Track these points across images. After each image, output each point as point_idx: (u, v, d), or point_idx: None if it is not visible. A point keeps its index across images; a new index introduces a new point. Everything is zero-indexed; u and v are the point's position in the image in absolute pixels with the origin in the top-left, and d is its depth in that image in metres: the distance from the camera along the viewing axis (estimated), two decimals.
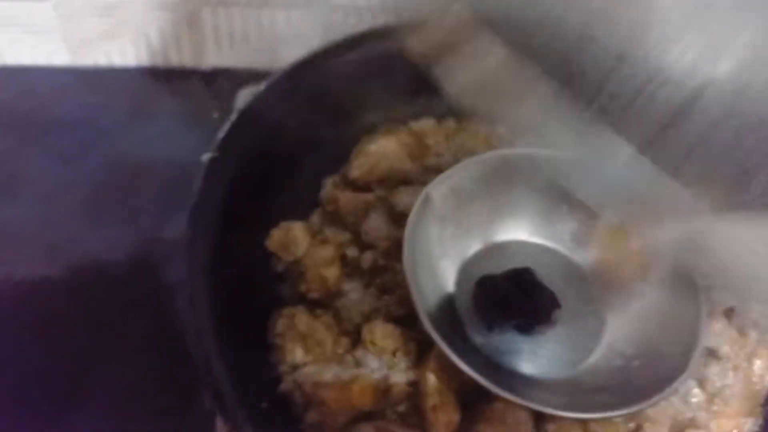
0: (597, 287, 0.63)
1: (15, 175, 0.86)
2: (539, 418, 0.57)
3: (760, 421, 0.61)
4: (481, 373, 0.52)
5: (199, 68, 0.99)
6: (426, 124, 0.80)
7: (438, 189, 0.60)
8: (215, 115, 0.98)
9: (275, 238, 0.65)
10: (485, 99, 0.63)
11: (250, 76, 0.99)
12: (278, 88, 0.68)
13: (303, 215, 0.70)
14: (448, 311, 0.61)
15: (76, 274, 0.76)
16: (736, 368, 0.61)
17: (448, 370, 0.56)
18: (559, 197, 0.64)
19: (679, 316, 0.56)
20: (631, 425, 0.59)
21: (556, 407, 0.51)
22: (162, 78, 1.00)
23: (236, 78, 0.98)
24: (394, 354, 0.59)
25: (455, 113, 0.82)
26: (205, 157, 0.59)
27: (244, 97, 0.94)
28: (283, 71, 0.70)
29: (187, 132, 0.96)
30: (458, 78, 0.62)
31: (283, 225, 0.65)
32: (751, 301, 0.67)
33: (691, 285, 0.57)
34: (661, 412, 0.59)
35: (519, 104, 0.61)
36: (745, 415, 0.61)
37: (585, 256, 0.65)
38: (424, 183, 0.70)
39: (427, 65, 0.65)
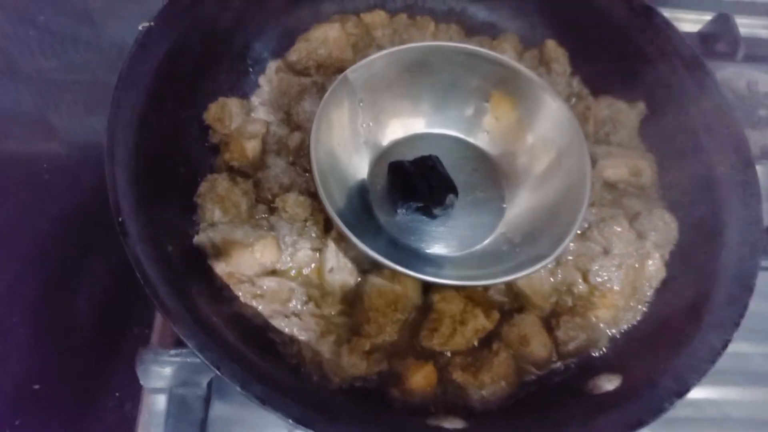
0: (500, 181, 0.68)
1: (11, 57, 0.88)
2: (426, 288, 0.64)
3: (638, 316, 0.67)
4: (374, 248, 0.58)
5: None
6: (377, 15, 0.83)
7: (357, 72, 0.64)
8: None
9: (212, 112, 0.71)
10: None
11: None
12: None
13: (244, 93, 0.76)
14: (359, 193, 0.67)
15: (74, 151, 0.82)
16: (620, 266, 0.66)
17: (347, 240, 0.63)
18: (475, 89, 0.68)
19: (564, 209, 0.61)
20: (516, 305, 0.65)
21: (435, 276, 0.57)
22: None
23: None
24: (305, 222, 0.65)
25: (410, 10, 0.85)
26: (142, 26, 0.64)
27: None
28: None
29: None
30: None
31: (221, 100, 0.71)
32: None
33: (580, 184, 0.61)
34: (542, 297, 0.65)
35: None
36: (624, 309, 0.66)
37: (496, 152, 0.70)
38: None
39: None
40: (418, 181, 0.63)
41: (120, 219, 0.54)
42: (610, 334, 0.66)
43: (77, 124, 0.90)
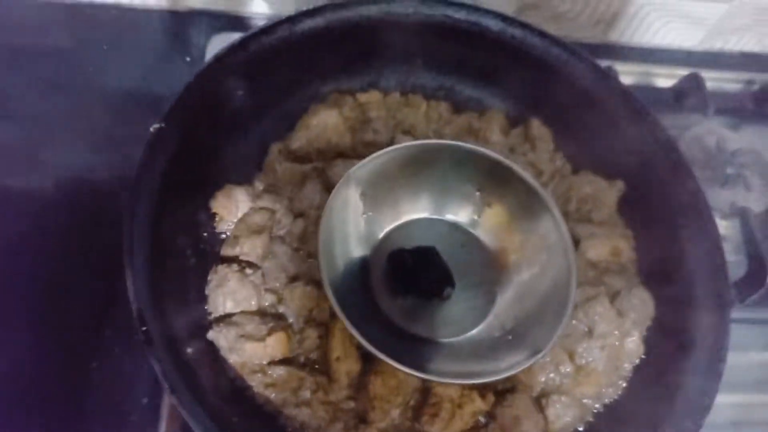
0: (493, 267, 0.73)
1: (8, 101, 0.92)
2: None
3: (619, 391, 0.73)
4: (374, 336, 0.63)
5: (175, 9, 1.05)
6: (372, 96, 0.87)
7: (360, 170, 0.69)
8: (188, 59, 1.05)
9: (218, 200, 0.74)
10: None
11: (227, 20, 1.07)
12: (229, 58, 0.75)
13: (249, 178, 0.79)
14: (361, 278, 0.71)
15: (60, 188, 0.85)
16: (603, 347, 0.71)
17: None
18: (468, 179, 0.73)
19: (552, 303, 0.67)
20: (508, 385, 0.71)
21: (431, 373, 0.62)
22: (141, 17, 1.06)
23: (211, 22, 1.06)
24: (310, 311, 0.69)
25: (402, 87, 0.90)
26: (153, 128, 0.67)
27: (217, 43, 1.02)
28: (235, 42, 0.76)
29: (161, 69, 1.04)
30: None
31: (227, 188, 0.75)
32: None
33: (567, 277, 0.66)
34: (533, 377, 0.70)
35: None
36: (606, 386, 0.72)
37: (488, 238, 0.75)
38: (360, 156, 0.79)
39: None
40: (418, 274, 0.68)
41: (144, 328, 0.57)
42: (594, 409, 0.72)
43: (66, 161, 0.93)
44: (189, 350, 0.62)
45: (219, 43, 1.01)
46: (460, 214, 0.76)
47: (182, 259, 0.69)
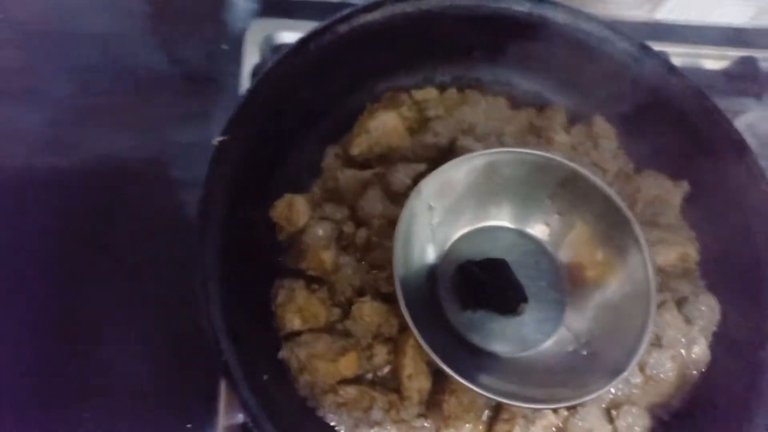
0: (562, 278, 0.72)
1: (30, 86, 0.90)
2: None
3: (687, 398, 0.72)
4: (447, 352, 0.61)
5: None
6: (429, 93, 0.84)
7: (428, 182, 0.66)
8: (224, 46, 1.01)
9: (279, 210, 0.72)
10: None
11: (266, 3, 1.03)
12: (288, 61, 0.72)
13: (306, 182, 0.77)
14: (429, 290, 0.70)
15: (85, 170, 0.83)
16: (674, 357, 0.70)
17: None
18: (537, 186, 0.71)
19: (629, 317, 0.65)
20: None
21: (505, 395, 0.61)
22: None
23: (248, 6, 1.01)
24: (379, 326, 0.68)
25: (458, 82, 0.86)
26: (215, 141, 0.65)
27: (257, 29, 0.98)
28: (294, 43, 0.73)
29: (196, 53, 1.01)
30: None
31: (287, 197, 0.73)
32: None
33: (646, 293, 0.64)
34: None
35: None
36: (675, 395, 0.71)
37: (557, 248, 0.73)
38: (420, 160, 0.77)
39: None
40: (490, 289, 0.66)
41: (223, 359, 0.56)
42: (663, 418, 0.71)
43: (91, 142, 0.92)
44: (265, 376, 0.61)
45: (259, 29, 0.97)
46: (530, 223, 0.74)
47: (247, 276, 0.67)
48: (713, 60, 1.07)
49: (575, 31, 0.81)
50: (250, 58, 0.93)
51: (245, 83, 0.90)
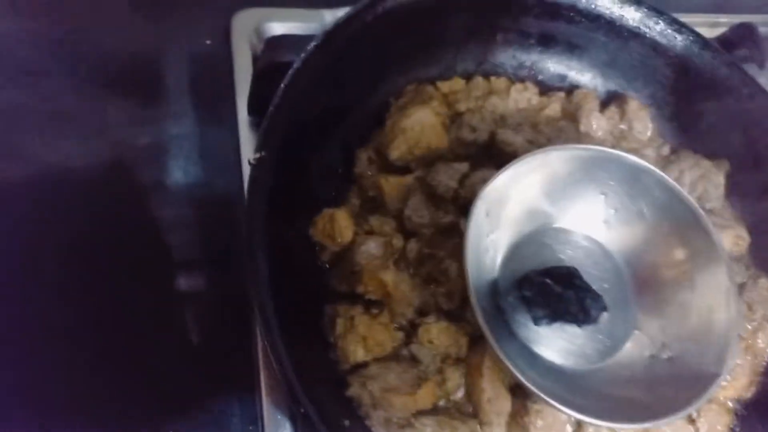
0: (628, 279, 0.67)
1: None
2: None
3: (758, 388, 0.70)
4: (525, 370, 0.56)
5: None
6: (456, 84, 0.77)
7: (487, 190, 0.60)
8: (208, 41, 0.92)
9: (319, 228, 0.64)
10: None
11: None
12: (312, 60, 0.63)
13: (336, 190, 0.69)
14: (492, 301, 0.64)
15: (42, 177, 0.75)
16: (747, 348, 0.67)
17: (501, 364, 0.60)
18: (591, 183, 0.66)
19: (709, 314, 0.61)
20: None
21: (592, 413, 0.55)
22: None
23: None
24: (447, 347, 0.62)
25: (481, 69, 0.80)
26: (252, 158, 0.56)
27: (242, 20, 0.88)
28: (316, 41, 0.64)
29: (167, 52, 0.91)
30: None
31: (326, 213, 0.65)
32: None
33: (725, 289, 0.61)
34: None
35: None
36: (747, 388, 0.69)
37: (617, 247, 0.68)
38: (461, 159, 0.70)
39: None
40: (566, 300, 0.61)
41: (303, 411, 0.49)
42: (735, 410, 0.69)
43: (44, 148, 0.82)
44: (347, 422, 0.54)
45: (244, 20, 0.88)
46: (584, 223, 0.68)
47: (297, 305, 0.59)
48: (706, 28, 1.04)
49: (599, 8, 0.76)
50: (240, 52, 0.84)
51: (241, 79, 0.81)
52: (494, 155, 0.71)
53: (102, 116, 0.82)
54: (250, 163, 0.56)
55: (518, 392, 0.62)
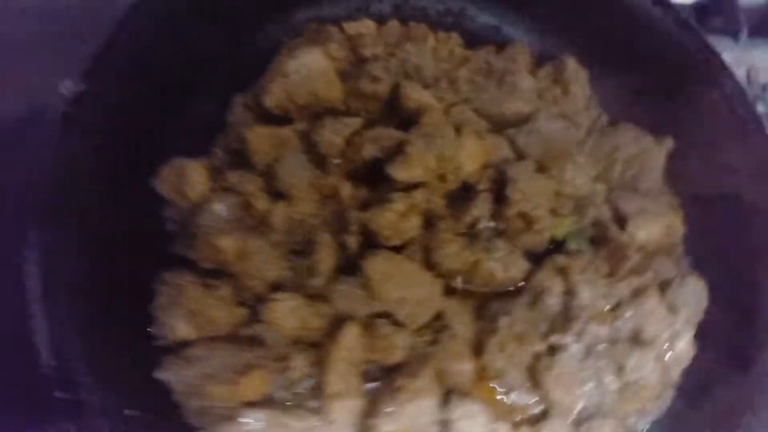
0: None
1: None
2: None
3: (667, 403, 0.61)
4: None
5: None
6: (364, 25, 0.66)
7: None
8: None
9: (165, 179, 0.55)
10: None
11: None
12: None
13: (208, 143, 0.60)
14: None
15: None
16: (657, 358, 0.58)
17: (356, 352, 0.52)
18: None
19: None
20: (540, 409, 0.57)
21: None
22: None
23: None
24: (300, 330, 0.53)
25: (400, 13, 0.69)
26: (65, 88, 0.47)
27: None
28: None
29: None
30: None
31: (176, 163, 0.55)
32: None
33: None
34: (570, 396, 0.57)
35: None
36: (655, 399, 0.60)
37: None
38: (355, 114, 0.60)
39: None
40: None
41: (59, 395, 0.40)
42: (641, 429, 0.60)
43: None
44: (127, 411, 0.45)
45: None
46: None
47: (116, 270, 0.51)
48: None
49: None
50: None
51: None
52: (396, 113, 0.61)
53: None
54: (61, 92, 0.46)
55: (380, 392, 0.53)
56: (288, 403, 0.52)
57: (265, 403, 0.50)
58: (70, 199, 0.46)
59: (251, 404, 0.50)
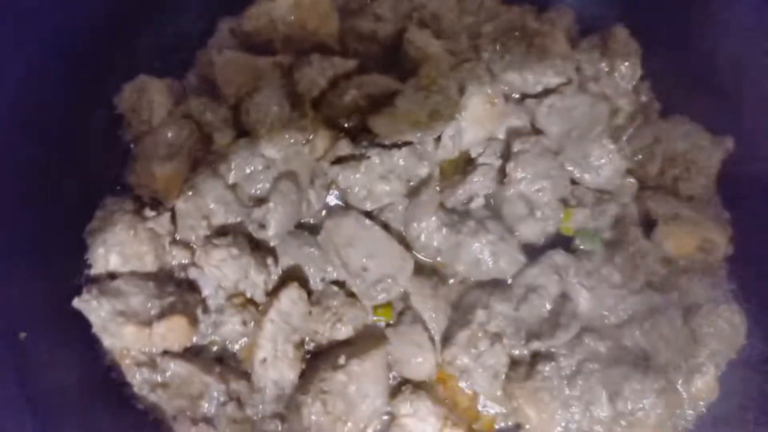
0: None
1: None
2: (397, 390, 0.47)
3: None
4: None
5: None
6: None
7: None
8: None
9: (126, 97, 0.51)
10: None
11: None
12: None
13: (179, 69, 0.55)
14: None
15: None
16: (662, 391, 0.49)
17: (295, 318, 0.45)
18: None
19: None
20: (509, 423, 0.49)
21: None
22: None
23: None
24: (237, 281, 0.48)
25: None
26: None
27: None
28: None
29: None
30: None
31: (139, 80, 0.52)
32: None
33: None
34: (548, 418, 0.48)
35: None
36: None
37: None
38: (348, 54, 0.53)
39: None
40: None
41: None
42: None
43: None
44: (23, 334, 0.40)
45: None
46: None
47: (56, 188, 0.46)
48: None
49: None
50: None
51: None
52: (397, 61, 0.54)
53: None
54: None
55: (316, 362, 0.46)
56: (217, 361, 0.45)
57: (188, 355, 0.44)
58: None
59: (173, 354, 0.44)
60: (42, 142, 0.45)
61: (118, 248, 0.46)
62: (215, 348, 0.48)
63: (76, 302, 0.45)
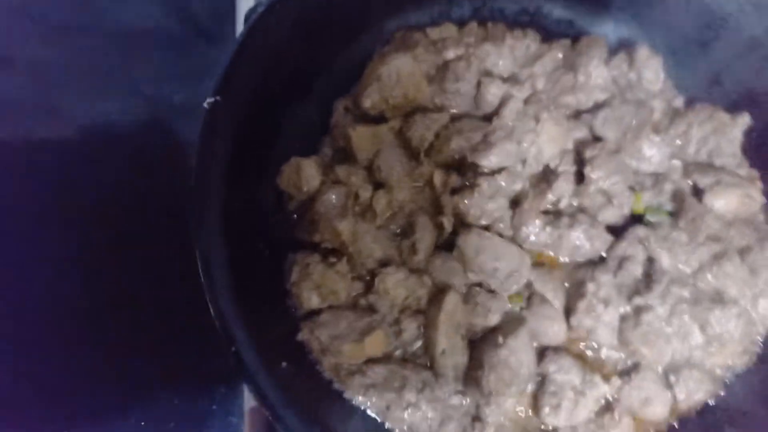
0: None
1: (8, 49, 0.80)
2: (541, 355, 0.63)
3: (754, 359, 0.66)
4: None
5: None
6: (446, 30, 0.76)
7: None
8: None
9: (286, 176, 0.67)
10: None
11: None
12: (279, 9, 0.64)
13: (314, 142, 0.70)
14: None
15: (83, 136, 0.72)
16: (739, 315, 0.64)
17: (457, 316, 0.61)
18: None
19: None
20: (631, 363, 0.64)
21: None
22: None
23: None
24: (406, 299, 0.63)
25: (478, 15, 0.78)
26: (207, 102, 0.58)
27: None
28: None
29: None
30: None
31: (293, 161, 0.68)
32: None
33: None
34: (657, 350, 0.63)
35: None
36: (740, 355, 0.65)
37: None
38: (441, 109, 0.69)
39: None
40: None
41: (234, 349, 0.51)
42: (726, 381, 0.65)
43: (83, 106, 0.84)
44: (284, 363, 0.56)
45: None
46: None
47: (256, 254, 0.62)
48: None
49: None
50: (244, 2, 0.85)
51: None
52: (479, 108, 0.70)
53: (134, 73, 0.84)
54: (205, 107, 0.58)
55: (478, 347, 0.61)
56: (405, 360, 0.61)
57: (386, 360, 0.60)
58: (213, 199, 0.57)
59: (374, 360, 0.59)
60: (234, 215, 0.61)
61: (317, 291, 0.62)
62: (400, 352, 0.64)
63: (301, 336, 0.62)
